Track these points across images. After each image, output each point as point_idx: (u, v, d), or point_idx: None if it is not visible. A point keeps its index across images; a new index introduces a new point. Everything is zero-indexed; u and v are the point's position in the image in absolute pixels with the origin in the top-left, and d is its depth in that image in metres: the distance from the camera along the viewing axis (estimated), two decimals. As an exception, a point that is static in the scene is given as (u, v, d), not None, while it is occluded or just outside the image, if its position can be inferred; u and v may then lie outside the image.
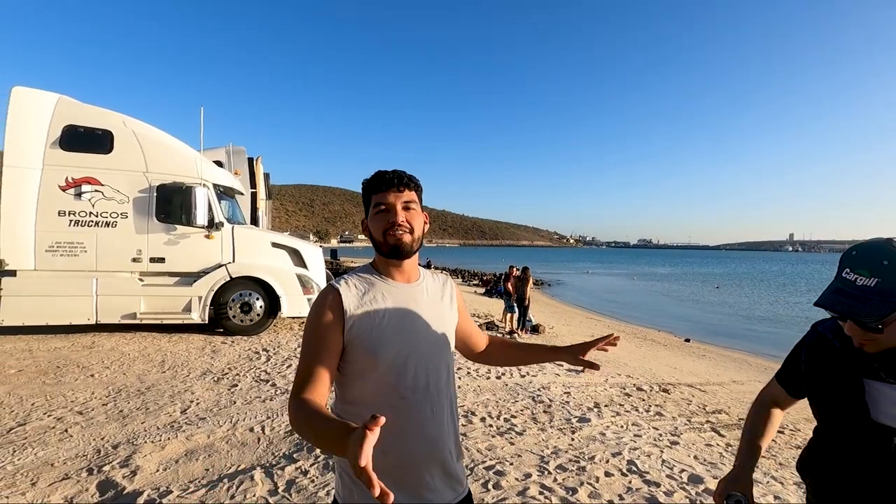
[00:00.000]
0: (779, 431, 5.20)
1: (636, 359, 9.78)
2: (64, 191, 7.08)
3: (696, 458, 3.90)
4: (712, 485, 3.35)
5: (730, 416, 5.57)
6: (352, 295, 1.18)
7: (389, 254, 1.22)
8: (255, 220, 11.08)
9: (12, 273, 6.89)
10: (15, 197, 6.91)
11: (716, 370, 9.51)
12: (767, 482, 3.59)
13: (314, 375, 1.09)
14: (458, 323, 1.41)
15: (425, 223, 1.30)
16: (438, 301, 1.33)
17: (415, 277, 1.30)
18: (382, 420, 0.74)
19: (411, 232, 1.22)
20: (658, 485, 3.28)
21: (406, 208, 1.22)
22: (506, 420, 4.44)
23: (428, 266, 42.35)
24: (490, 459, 3.53)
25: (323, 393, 1.09)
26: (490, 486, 3.12)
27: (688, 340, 14.19)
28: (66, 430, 3.82)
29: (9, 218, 6.89)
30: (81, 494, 2.89)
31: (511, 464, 3.48)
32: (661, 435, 4.39)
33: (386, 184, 1.21)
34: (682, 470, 3.57)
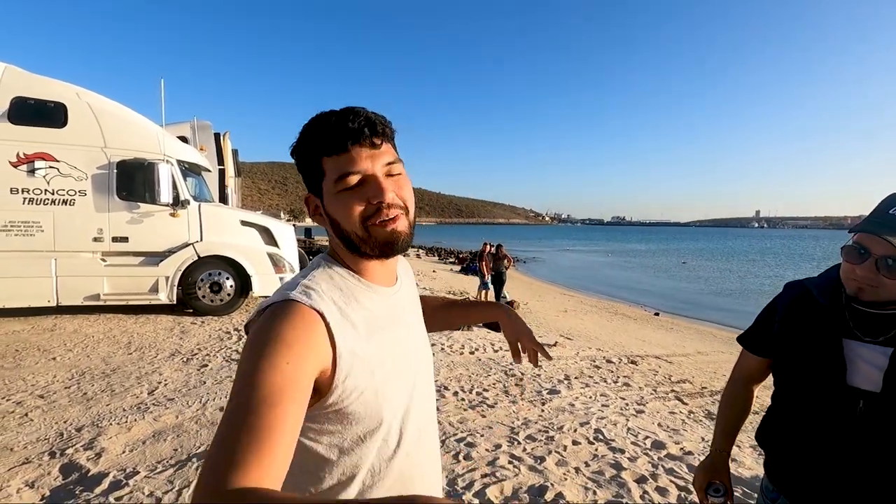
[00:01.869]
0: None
1: (607, 332, 10.05)
2: (15, 167, 6.71)
3: (659, 425, 4.05)
4: (674, 450, 3.49)
5: (693, 385, 5.80)
6: (341, 321, 0.73)
7: (379, 253, 0.79)
8: (223, 198, 10.79)
9: (-37, 254, 6.56)
10: (-39, 174, 6.53)
11: (682, 342, 9.85)
12: (725, 446, 3.77)
13: (269, 437, 0.57)
14: None
15: None
16: (415, 297, 0.99)
17: (395, 275, 0.91)
18: None
19: (407, 212, 0.80)
20: (623, 451, 3.40)
21: (390, 174, 0.78)
22: (478, 394, 4.51)
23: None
24: (461, 432, 3.60)
25: (279, 477, 0.58)
26: (461, 458, 3.18)
27: (657, 314, 14.63)
28: (27, 415, 3.71)
29: (-44, 196, 6.52)
30: (44, 478, 2.82)
31: (482, 435, 3.55)
32: (627, 404, 4.53)
33: (351, 136, 0.75)
34: (647, 437, 3.71)
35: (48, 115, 6.87)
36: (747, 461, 3.45)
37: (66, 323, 6.84)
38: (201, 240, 7.52)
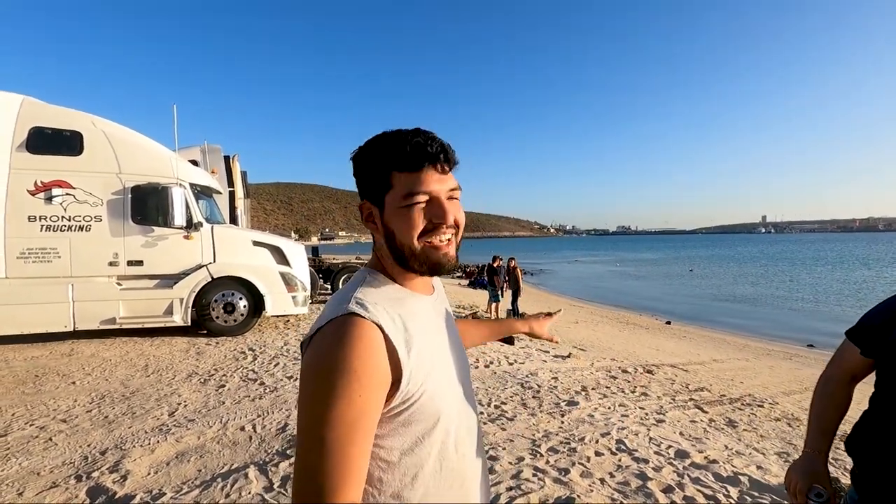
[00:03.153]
0: (758, 405, 5.38)
1: (620, 342, 9.98)
2: (33, 195, 6.85)
3: (681, 434, 4.02)
4: (698, 458, 3.46)
5: (711, 392, 5.74)
6: (396, 330, 0.76)
7: (427, 271, 0.84)
8: (234, 220, 10.91)
9: (-18, 282, 6.66)
10: (-19, 203, 6.67)
11: (696, 350, 9.76)
12: (750, 454, 3.72)
13: (352, 468, 0.68)
14: None
15: None
16: (447, 305, 1.02)
17: (432, 285, 0.96)
18: None
19: (456, 236, 0.86)
20: (647, 461, 3.37)
21: (451, 198, 0.83)
22: (496, 407, 4.49)
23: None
24: (483, 445, 3.58)
25: (360, 493, 0.71)
26: (484, 472, 3.17)
27: (669, 323, 14.51)
28: (51, 439, 3.74)
29: (-24, 225, 6.65)
30: (72, 501, 2.84)
31: (504, 448, 3.54)
32: (647, 414, 4.50)
33: (428, 158, 0.80)
34: (669, 446, 3.68)
35: (65, 143, 7.03)
36: (773, 468, 3.41)
37: (83, 347, 6.91)
38: (214, 261, 7.61)
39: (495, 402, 4.62)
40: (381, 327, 0.73)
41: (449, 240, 0.83)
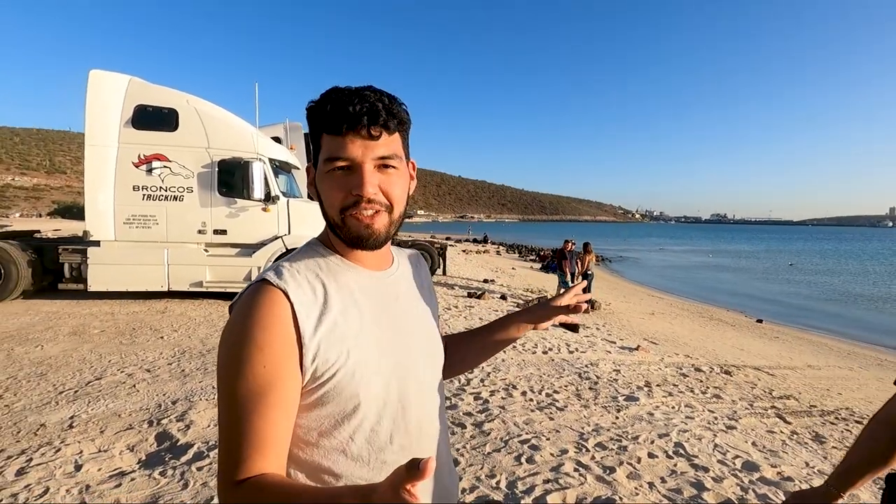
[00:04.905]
0: (855, 421, 4.72)
1: (698, 338, 9.25)
2: (137, 167, 7.61)
3: (753, 444, 3.61)
4: (770, 473, 3.10)
5: (799, 402, 5.12)
6: (308, 301, 0.71)
7: (349, 243, 0.77)
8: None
9: (96, 243, 7.56)
10: (96, 173, 7.52)
11: (789, 353, 8.78)
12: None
13: (264, 439, 0.65)
14: None
15: (412, 180, 0.82)
16: (420, 289, 0.90)
17: (389, 260, 0.87)
18: (432, 465, 0.45)
19: (389, 211, 0.76)
20: (706, 469, 3.07)
21: (383, 167, 0.74)
22: (548, 395, 4.33)
23: (485, 241, 41.34)
24: (526, 433, 3.46)
25: (282, 465, 0.69)
26: (523, 460, 3.06)
27: (760, 321, 13.20)
28: (135, 386, 4.18)
29: (92, 192, 7.52)
30: (141, 444, 3.15)
31: (548, 439, 3.39)
32: (716, 418, 4.11)
33: (348, 121, 0.71)
34: (737, 456, 3.33)
35: (163, 120, 7.70)
36: (863, 495, 2.96)
37: (175, 306, 7.65)
38: (289, 233, 8.03)
39: (547, 390, 4.45)
40: (286, 294, 0.69)
41: (374, 214, 0.75)
